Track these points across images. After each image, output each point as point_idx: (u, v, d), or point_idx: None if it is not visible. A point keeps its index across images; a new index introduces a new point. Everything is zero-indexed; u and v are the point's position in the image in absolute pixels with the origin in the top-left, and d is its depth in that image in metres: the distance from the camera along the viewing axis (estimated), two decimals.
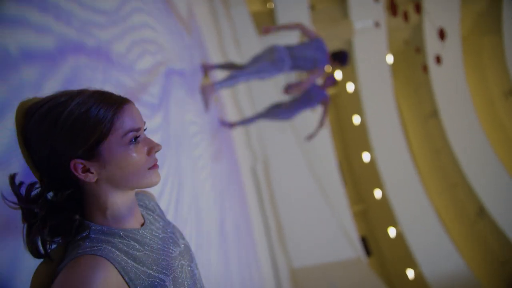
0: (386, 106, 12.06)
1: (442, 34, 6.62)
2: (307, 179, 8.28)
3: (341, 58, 4.00)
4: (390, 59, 12.30)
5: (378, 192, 12.64)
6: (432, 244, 10.84)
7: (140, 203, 0.88)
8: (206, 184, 2.62)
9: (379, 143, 12.12)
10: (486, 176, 11.37)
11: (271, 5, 12.33)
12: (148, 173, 0.74)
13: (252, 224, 5.05)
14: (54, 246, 0.69)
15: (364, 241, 13.23)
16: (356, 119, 13.34)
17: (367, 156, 13.00)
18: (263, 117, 4.76)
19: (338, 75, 14.10)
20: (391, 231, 12.20)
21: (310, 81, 3.88)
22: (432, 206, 11.35)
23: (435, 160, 13.14)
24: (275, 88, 7.79)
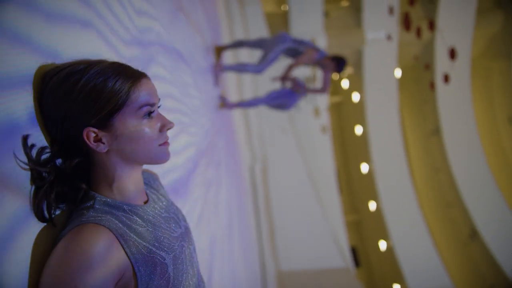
0: (390, 120, 12.06)
1: (452, 53, 6.60)
2: (304, 184, 8.28)
3: (338, 63, 3.92)
4: (398, 73, 12.30)
5: (372, 204, 12.63)
6: (421, 261, 10.83)
7: (145, 181, 0.88)
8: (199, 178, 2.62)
9: (379, 156, 12.12)
10: (482, 199, 11.37)
11: (285, 7, 12.34)
12: (159, 149, 0.74)
13: (245, 221, 5.05)
14: (58, 212, 0.69)
15: (354, 251, 13.23)
16: (359, 129, 13.33)
17: (365, 167, 13.00)
18: (263, 101, 4.57)
19: (345, 83, 14.13)
20: (381, 244, 12.18)
21: (305, 59, 3.88)
22: (425, 224, 11.34)
23: (433, 178, 13.13)
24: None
